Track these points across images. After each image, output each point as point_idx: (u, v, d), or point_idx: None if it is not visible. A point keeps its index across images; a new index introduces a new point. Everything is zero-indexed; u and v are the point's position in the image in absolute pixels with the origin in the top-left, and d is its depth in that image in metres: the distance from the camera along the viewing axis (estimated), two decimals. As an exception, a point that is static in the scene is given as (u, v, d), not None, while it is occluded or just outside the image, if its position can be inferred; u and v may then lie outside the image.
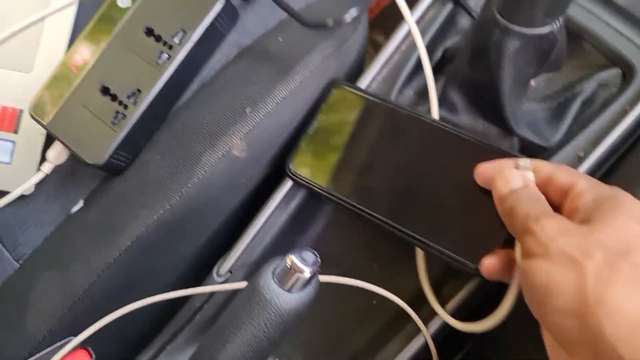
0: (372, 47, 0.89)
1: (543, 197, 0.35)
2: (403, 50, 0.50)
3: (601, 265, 0.28)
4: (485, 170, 0.39)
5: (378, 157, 0.46)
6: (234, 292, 0.48)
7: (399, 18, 0.49)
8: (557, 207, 0.35)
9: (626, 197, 0.32)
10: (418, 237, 0.42)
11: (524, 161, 0.37)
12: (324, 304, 0.50)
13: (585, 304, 0.28)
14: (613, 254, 0.29)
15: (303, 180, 0.47)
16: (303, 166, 0.48)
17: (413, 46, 0.49)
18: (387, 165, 0.45)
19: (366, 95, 0.48)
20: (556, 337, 0.30)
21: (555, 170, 0.36)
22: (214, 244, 0.52)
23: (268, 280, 0.34)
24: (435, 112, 0.46)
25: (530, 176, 0.37)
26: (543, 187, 0.36)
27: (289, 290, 0.34)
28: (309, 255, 0.34)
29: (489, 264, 0.38)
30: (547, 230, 0.31)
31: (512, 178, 0.36)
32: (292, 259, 0.34)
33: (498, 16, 0.38)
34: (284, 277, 0.34)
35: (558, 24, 0.37)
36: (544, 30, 0.37)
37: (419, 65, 0.50)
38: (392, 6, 0.49)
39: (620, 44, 0.47)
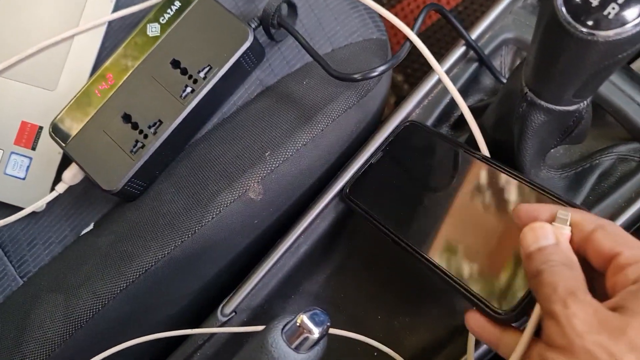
0: (392, 89, 0.90)
1: (577, 264, 0.31)
2: (425, 105, 0.50)
3: None
4: (522, 212, 0.34)
5: (432, 196, 0.45)
6: (236, 333, 0.48)
7: (417, 58, 0.49)
8: (596, 271, 0.31)
9: None
10: (449, 274, 0.40)
11: (563, 213, 0.32)
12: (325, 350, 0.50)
13: None
14: None
15: (357, 205, 0.46)
16: (359, 193, 0.47)
17: (437, 100, 0.50)
18: (439, 205, 0.43)
19: (433, 135, 0.47)
20: None
21: (598, 230, 0.31)
22: (220, 281, 0.52)
23: (277, 338, 0.34)
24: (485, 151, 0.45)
25: (567, 231, 0.32)
26: (582, 245, 0.32)
27: (297, 349, 0.34)
28: (320, 316, 0.34)
29: (474, 321, 0.36)
30: (575, 323, 0.27)
31: (542, 233, 0.32)
32: (303, 318, 0.34)
33: (526, 89, 0.38)
34: (293, 335, 0.34)
35: (585, 103, 0.38)
36: (571, 107, 0.37)
37: (441, 119, 0.51)
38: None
39: (643, 119, 0.47)
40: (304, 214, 0.48)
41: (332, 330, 0.46)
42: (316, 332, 0.34)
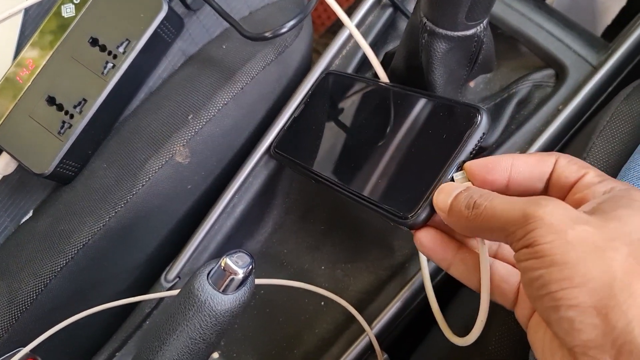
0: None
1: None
2: (344, 55, 0.51)
3: (628, 258, 0.25)
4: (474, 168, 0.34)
5: (346, 129, 0.45)
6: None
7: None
8: None
9: None
10: (358, 194, 0.39)
11: (458, 174, 0.34)
12: (275, 306, 0.51)
13: (613, 299, 0.24)
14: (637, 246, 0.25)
15: (285, 158, 0.47)
16: (285, 145, 0.48)
17: (354, 51, 0.51)
18: (352, 135, 0.44)
19: (349, 78, 0.47)
20: (566, 336, 0.25)
21: (559, 158, 0.32)
22: (164, 252, 0.52)
23: (203, 283, 0.34)
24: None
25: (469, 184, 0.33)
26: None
27: (224, 292, 0.35)
28: (243, 257, 0.35)
29: (425, 238, 0.34)
30: (559, 215, 0.26)
31: (452, 187, 0.33)
32: (226, 261, 0.34)
33: (424, 20, 0.39)
34: (219, 279, 0.35)
35: (482, 27, 0.39)
36: (469, 32, 0.39)
37: (362, 67, 0.52)
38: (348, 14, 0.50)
39: (553, 45, 0.49)
40: (236, 173, 0.49)
41: (278, 281, 0.47)
42: (240, 272, 0.34)
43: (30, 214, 0.52)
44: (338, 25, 0.54)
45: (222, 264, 0.35)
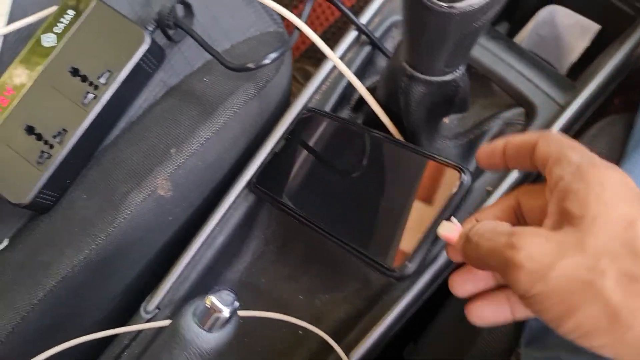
0: (304, 78, 0.92)
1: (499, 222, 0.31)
2: (324, 91, 0.52)
3: (619, 279, 0.25)
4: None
5: (329, 171, 0.47)
6: (162, 329, 0.48)
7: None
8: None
9: (603, 173, 0.28)
10: (344, 240, 0.42)
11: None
12: (253, 335, 0.52)
13: (619, 325, 0.25)
14: (622, 260, 0.25)
15: (265, 193, 0.49)
16: (265, 181, 0.49)
17: (334, 85, 0.52)
18: (335, 178, 0.46)
19: (330, 118, 0.49)
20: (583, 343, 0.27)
21: (539, 140, 0.31)
22: (143, 282, 0.52)
23: (189, 321, 0.35)
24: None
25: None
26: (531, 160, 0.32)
27: (209, 330, 0.35)
28: (228, 295, 0.36)
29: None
30: (536, 255, 0.26)
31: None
32: (211, 299, 0.35)
33: (405, 65, 0.40)
34: (204, 317, 0.35)
35: (459, 72, 0.41)
36: (447, 77, 0.40)
37: (341, 102, 0.53)
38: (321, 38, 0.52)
39: (523, 85, 0.51)
40: (217, 206, 0.50)
41: (256, 313, 0.47)
42: (226, 311, 0.35)
43: (6, 242, 0.52)
44: (313, 49, 0.56)
45: (208, 302, 0.35)
